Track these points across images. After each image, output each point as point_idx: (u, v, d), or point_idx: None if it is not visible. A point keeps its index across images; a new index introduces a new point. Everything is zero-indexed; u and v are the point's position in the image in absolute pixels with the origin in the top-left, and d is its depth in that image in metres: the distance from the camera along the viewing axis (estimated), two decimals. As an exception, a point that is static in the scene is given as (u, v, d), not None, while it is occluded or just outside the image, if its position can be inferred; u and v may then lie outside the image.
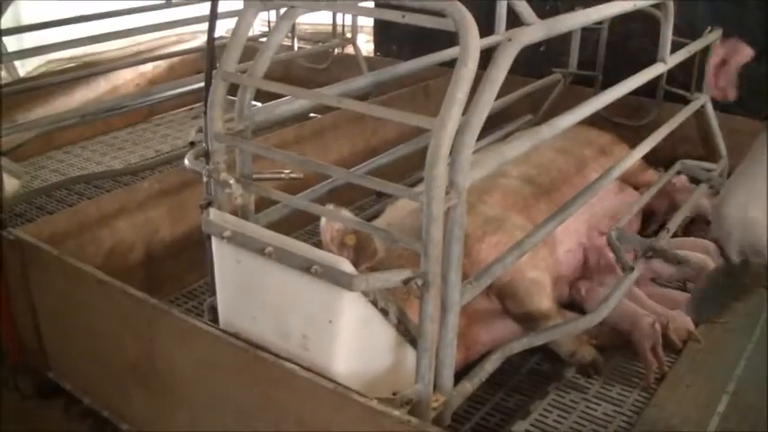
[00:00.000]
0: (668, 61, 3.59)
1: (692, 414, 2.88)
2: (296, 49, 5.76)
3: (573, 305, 3.39)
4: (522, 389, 3.07)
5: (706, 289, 3.32)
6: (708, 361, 3.20)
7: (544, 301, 3.04)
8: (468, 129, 2.03)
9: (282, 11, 2.58)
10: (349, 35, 5.71)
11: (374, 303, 2.24)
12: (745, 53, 3.07)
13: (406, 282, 2.09)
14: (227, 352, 2.29)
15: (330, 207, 2.28)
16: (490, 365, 2.63)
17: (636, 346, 3.14)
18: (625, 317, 3.20)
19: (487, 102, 2.07)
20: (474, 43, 1.97)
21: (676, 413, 2.88)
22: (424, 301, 2.10)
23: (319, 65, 5.81)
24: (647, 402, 2.97)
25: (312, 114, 4.43)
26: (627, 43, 4.89)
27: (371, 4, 3.38)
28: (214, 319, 2.56)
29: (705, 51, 4.28)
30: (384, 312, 2.28)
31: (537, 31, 2.34)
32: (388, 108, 2.15)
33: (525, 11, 2.49)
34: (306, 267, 2.11)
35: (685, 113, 4.05)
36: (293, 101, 2.71)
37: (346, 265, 2.09)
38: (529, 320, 3.01)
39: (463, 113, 2.00)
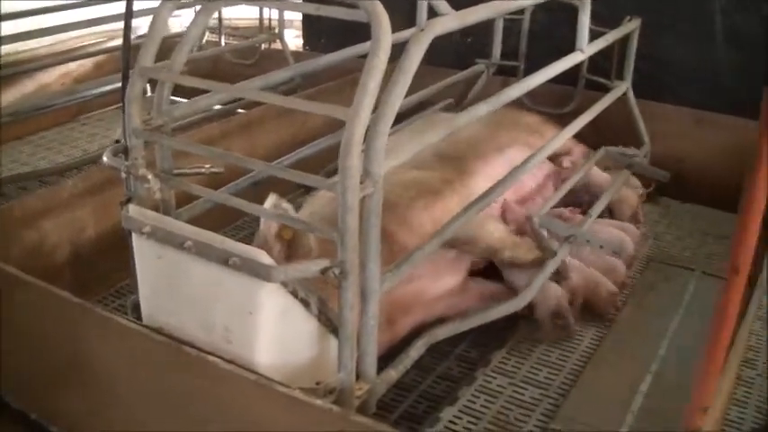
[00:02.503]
0: (586, 50, 3.65)
1: (617, 394, 2.95)
2: (223, 44, 5.73)
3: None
4: (449, 375, 3.11)
5: None
6: (632, 341, 3.28)
7: (495, 228, 3.19)
8: (381, 118, 2.06)
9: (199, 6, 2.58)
10: (277, 30, 5.69)
11: (294, 294, 2.25)
12: None
13: (324, 271, 2.11)
14: (151, 348, 2.29)
15: (273, 197, 2.29)
16: (415, 352, 2.67)
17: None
18: (588, 283, 3.38)
19: (400, 91, 2.10)
20: (385, 34, 2.00)
21: (602, 394, 2.95)
22: (343, 289, 2.13)
23: (247, 60, 5.78)
24: (573, 385, 3.03)
25: (239, 110, 4.42)
26: (550, 33, 4.96)
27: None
28: (138, 316, 2.55)
29: (625, 40, 4.39)
30: (305, 303, 2.30)
31: (450, 21, 2.38)
32: (304, 100, 2.17)
33: (441, 4, 2.53)
34: (225, 260, 2.12)
35: (607, 101, 4.14)
36: (213, 95, 2.71)
37: (264, 257, 2.11)
38: (492, 253, 3.14)
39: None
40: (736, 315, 1.50)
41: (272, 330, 2.24)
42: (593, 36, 3.92)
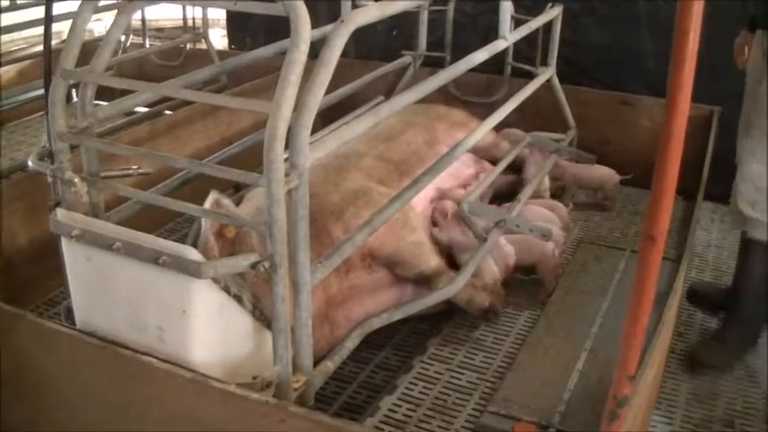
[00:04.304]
0: (509, 38, 3.70)
1: (553, 374, 3.01)
2: (147, 46, 5.67)
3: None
4: (387, 364, 3.15)
5: None
6: (565, 322, 3.35)
7: (431, 258, 3.18)
8: (304, 110, 2.08)
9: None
10: (201, 30, 5.65)
11: (227, 290, 2.26)
12: None
13: (254, 265, 2.13)
14: (86, 351, 2.28)
15: (214, 194, 2.29)
16: (350, 343, 2.70)
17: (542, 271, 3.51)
18: (530, 251, 3.49)
19: (322, 83, 2.12)
20: (304, 27, 2.02)
21: (537, 375, 3.00)
22: (274, 283, 2.14)
23: (172, 62, 5.73)
24: (509, 368, 3.07)
25: (166, 112, 4.39)
26: (475, 22, 5.03)
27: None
28: (72, 320, 2.53)
29: (548, 27, 4.46)
30: (237, 299, 2.30)
31: (370, 11, 2.40)
32: (227, 96, 2.18)
33: (363, -5, 2.56)
34: (155, 259, 2.12)
35: (532, 87, 4.20)
36: (137, 96, 2.70)
37: (194, 254, 2.11)
38: (423, 280, 3.13)
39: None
40: (654, 284, 1.54)
41: (206, 327, 2.24)
42: (517, 24, 3.99)
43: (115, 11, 2.59)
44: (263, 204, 2.99)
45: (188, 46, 5.76)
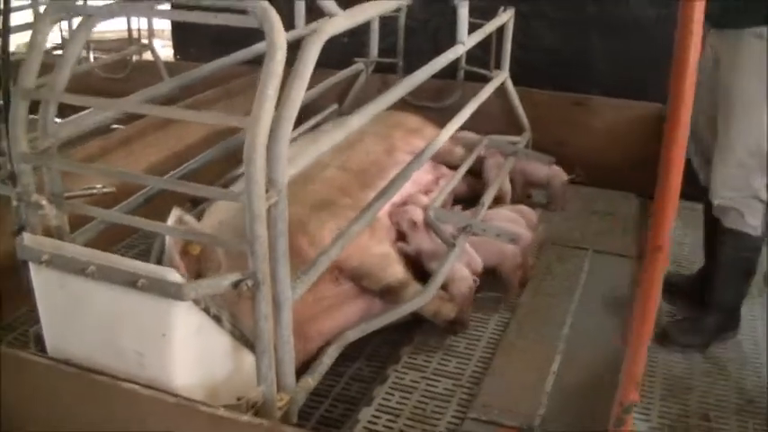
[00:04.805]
0: (467, 42, 3.70)
1: (529, 377, 3.00)
2: (92, 60, 5.54)
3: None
4: (362, 376, 3.11)
5: None
6: (535, 324, 3.36)
7: (397, 270, 3.15)
8: (281, 124, 2.02)
9: (77, 20, 2.48)
10: (146, 41, 5.54)
11: (206, 311, 2.20)
12: None
13: (236, 284, 2.07)
14: (61, 379, 2.19)
15: (176, 211, 2.22)
16: (328, 358, 2.66)
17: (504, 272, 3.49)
18: (490, 254, 3.46)
19: (297, 96, 2.07)
20: (280, 37, 1.97)
21: (514, 379, 3.00)
22: (257, 301, 2.09)
23: (118, 74, 5.60)
24: (485, 372, 3.06)
25: (114, 126, 4.27)
26: (426, 28, 5.01)
27: (168, 7, 3.28)
28: (41, 348, 2.43)
29: (501, 30, 4.48)
30: (217, 319, 2.24)
31: (341, 21, 2.36)
32: (200, 111, 2.12)
33: (329, 4, 2.51)
34: (132, 282, 2.05)
35: (488, 90, 4.21)
36: (99, 112, 2.61)
37: (173, 275, 2.05)
38: (390, 293, 3.10)
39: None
40: (659, 292, 1.53)
41: (187, 350, 2.18)
42: (471, 28, 3.98)
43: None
44: (226, 218, 2.98)
45: (133, 58, 5.63)
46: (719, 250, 3.35)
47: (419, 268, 3.40)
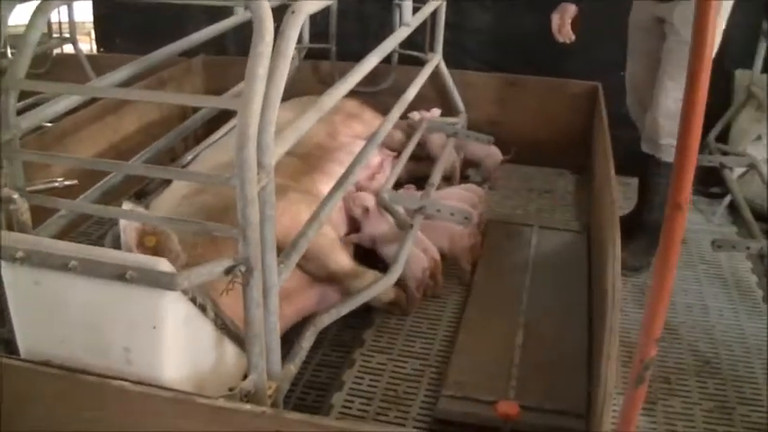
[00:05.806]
0: (412, 23, 3.69)
1: (496, 352, 3.03)
2: (9, 55, 5.30)
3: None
4: (329, 361, 3.09)
5: None
6: (493, 301, 3.39)
7: (341, 257, 3.12)
8: (268, 106, 1.98)
9: (34, 5, 2.37)
10: (67, 34, 5.33)
11: (193, 300, 2.14)
12: (572, 9, 3.79)
13: (229, 271, 2.02)
14: (42, 382, 2.06)
15: (127, 203, 2.15)
16: (306, 343, 2.63)
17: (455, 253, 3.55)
18: (439, 237, 3.49)
19: (282, 75, 2.03)
20: (267, 17, 1.93)
21: (482, 355, 3.02)
22: (249, 287, 2.04)
23: (38, 69, 5.36)
24: (451, 351, 3.07)
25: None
26: (359, 12, 4.97)
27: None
28: (10, 351, 2.31)
29: (435, 13, 4.48)
30: (202, 308, 2.18)
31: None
32: (191, 95, 2.06)
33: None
34: (120, 275, 1.97)
35: (425, 73, 4.22)
36: (58, 101, 2.50)
37: (164, 265, 1.98)
38: (336, 280, 3.07)
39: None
40: (679, 248, 1.56)
41: (177, 342, 2.11)
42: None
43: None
44: (171, 210, 2.89)
45: (54, 52, 5.41)
46: (657, 182, 3.70)
47: (374, 255, 3.40)
